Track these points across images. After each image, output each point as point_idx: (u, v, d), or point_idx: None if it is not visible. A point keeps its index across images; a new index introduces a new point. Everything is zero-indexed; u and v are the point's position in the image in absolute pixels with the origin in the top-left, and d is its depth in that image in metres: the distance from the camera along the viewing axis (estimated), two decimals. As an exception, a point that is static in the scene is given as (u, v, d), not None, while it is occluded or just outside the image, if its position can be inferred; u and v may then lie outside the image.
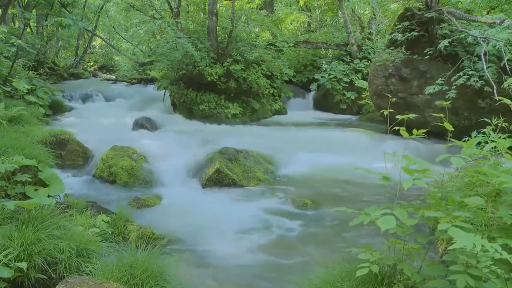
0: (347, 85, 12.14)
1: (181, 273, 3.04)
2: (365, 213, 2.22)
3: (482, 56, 6.75)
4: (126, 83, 14.61)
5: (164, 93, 11.44)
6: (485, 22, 7.32)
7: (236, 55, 10.62)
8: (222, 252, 3.73)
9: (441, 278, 2.15)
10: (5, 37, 7.94)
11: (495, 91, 6.36)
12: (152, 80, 14.13)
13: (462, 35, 7.30)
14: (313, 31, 16.56)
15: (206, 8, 12.18)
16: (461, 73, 7.26)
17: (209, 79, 10.04)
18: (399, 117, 2.46)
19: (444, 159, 2.32)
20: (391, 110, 2.61)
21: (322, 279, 2.49)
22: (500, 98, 3.14)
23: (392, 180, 2.36)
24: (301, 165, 6.48)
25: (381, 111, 2.78)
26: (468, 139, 2.56)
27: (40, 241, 2.73)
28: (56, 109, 10.16)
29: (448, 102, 3.36)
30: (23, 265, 2.51)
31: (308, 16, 17.92)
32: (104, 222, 3.63)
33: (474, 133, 3.67)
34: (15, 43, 8.01)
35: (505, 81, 5.81)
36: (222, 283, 3.27)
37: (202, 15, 15.43)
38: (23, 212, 3.03)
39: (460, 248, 1.74)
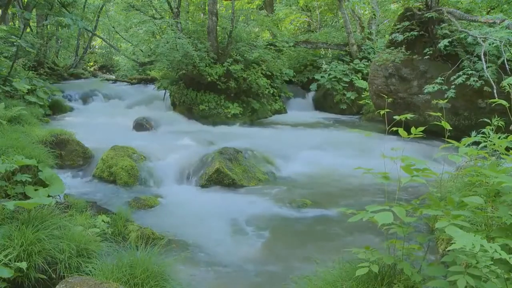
0: (347, 85, 12.13)
1: (181, 273, 3.04)
2: (364, 211, 2.23)
3: (482, 56, 6.75)
4: (126, 83, 14.60)
5: (164, 93, 11.45)
6: (485, 22, 7.33)
7: (236, 55, 10.61)
8: (222, 252, 3.74)
9: (441, 278, 2.15)
10: (5, 37, 7.94)
11: (495, 91, 6.36)
12: (152, 80, 14.13)
13: (462, 35, 7.31)
14: (313, 31, 16.54)
15: (206, 8, 12.18)
16: (460, 73, 7.26)
17: (209, 79, 10.04)
18: (396, 117, 2.47)
19: (442, 156, 2.33)
20: (390, 110, 2.62)
21: (322, 279, 2.50)
22: (493, 101, 3.14)
23: (392, 180, 2.37)
24: (301, 165, 6.49)
25: (379, 110, 2.79)
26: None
27: (40, 241, 2.74)
28: (56, 109, 10.17)
29: (446, 101, 3.35)
30: (23, 265, 2.51)
31: (308, 16, 17.91)
32: (104, 222, 3.63)
33: (473, 133, 3.68)
34: (15, 43, 8.01)
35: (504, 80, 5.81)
36: (222, 282, 3.27)
37: (202, 15, 15.42)
38: (23, 212, 3.03)
39: (460, 248, 1.74)
